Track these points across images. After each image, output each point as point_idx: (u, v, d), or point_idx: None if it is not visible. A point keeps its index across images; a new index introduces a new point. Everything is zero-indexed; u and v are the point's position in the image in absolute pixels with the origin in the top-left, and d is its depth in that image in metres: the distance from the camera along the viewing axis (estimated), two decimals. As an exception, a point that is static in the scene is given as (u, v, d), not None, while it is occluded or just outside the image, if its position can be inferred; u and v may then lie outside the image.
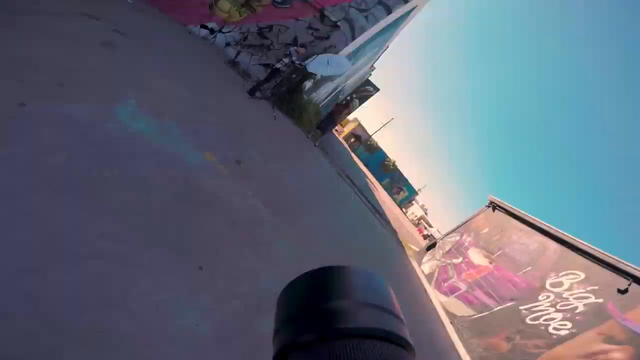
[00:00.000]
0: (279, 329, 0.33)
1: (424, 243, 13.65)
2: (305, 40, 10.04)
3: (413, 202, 40.11)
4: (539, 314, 6.09)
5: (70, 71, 2.83)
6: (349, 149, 27.93)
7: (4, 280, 1.32)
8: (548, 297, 6.21)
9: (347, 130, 34.57)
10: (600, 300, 5.50)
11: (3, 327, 1.22)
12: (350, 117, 31.48)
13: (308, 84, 10.15)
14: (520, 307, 6.44)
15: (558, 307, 5.93)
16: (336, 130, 25.90)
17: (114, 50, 3.82)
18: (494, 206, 9.11)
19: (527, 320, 6.14)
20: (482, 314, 6.99)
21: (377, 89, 25.99)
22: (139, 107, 3.04)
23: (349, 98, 23.14)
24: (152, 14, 7.44)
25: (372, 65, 22.83)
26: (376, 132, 35.83)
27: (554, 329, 5.68)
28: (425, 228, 35.97)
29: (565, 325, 5.59)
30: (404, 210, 35.22)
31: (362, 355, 0.27)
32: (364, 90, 25.44)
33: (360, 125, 35.06)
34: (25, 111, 2.09)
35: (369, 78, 25.79)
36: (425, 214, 44.45)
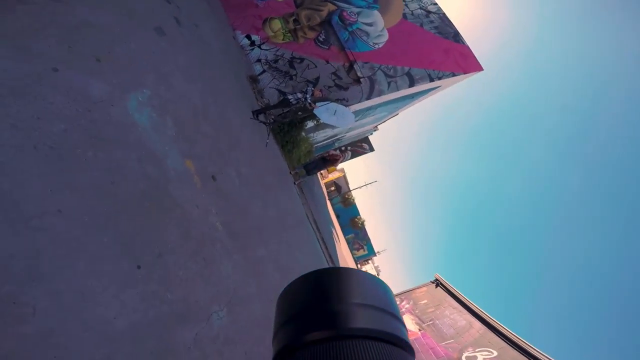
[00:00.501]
0: (282, 327, 0.35)
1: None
2: (326, 84, 10.53)
3: (369, 261, 40.51)
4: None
5: (112, 48, 3.06)
6: (326, 196, 28.24)
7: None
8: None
9: (331, 177, 35.26)
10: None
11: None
12: (339, 166, 32.20)
13: (310, 124, 10.50)
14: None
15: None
16: (321, 173, 26.33)
17: (161, 37, 4.11)
18: (437, 283, 10.24)
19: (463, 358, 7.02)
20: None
21: (372, 149, 26.86)
22: (149, 100, 3.20)
23: (343, 148, 23.77)
24: (215, 7, 7.81)
25: (376, 126, 23.70)
26: (357, 188, 36.67)
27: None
28: (373, 287, 35.90)
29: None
30: (359, 266, 35.30)
31: (366, 356, 0.28)
32: (360, 146, 26.26)
33: (344, 177, 35.90)
34: (53, 76, 2.26)
35: (369, 136, 26.70)
36: (377, 274, 44.60)
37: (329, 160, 10.48)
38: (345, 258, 18.87)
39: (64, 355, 1.53)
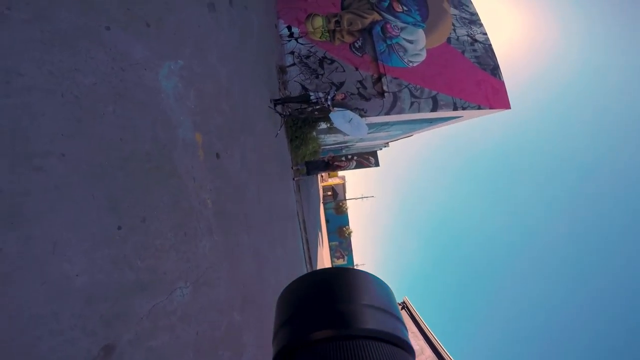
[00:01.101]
0: (284, 326, 0.35)
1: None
2: (349, 91, 10.53)
3: None
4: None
5: (165, 15, 3.18)
6: (321, 199, 28.29)
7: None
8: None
9: (330, 182, 35.30)
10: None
11: None
12: (341, 173, 32.26)
13: (324, 125, 10.52)
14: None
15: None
16: (322, 176, 26.35)
17: (211, 13, 4.23)
18: (404, 306, 10.22)
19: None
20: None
21: (377, 164, 26.86)
22: (180, 70, 3.27)
23: (350, 157, 23.75)
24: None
25: (388, 142, 23.71)
26: (353, 199, 36.73)
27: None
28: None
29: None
30: None
31: (369, 356, 0.29)
32: (367, 159, 26.24)
33: (344, 185, 35.95)
34: (103, 34, 2.35)
35: (378, 151, 26.70)
36: None
37: (331, 166, 10.47)
38: (325, 263, 18.90)
39: (7, 304, 1.53)
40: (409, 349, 0.33)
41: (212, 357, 3.00)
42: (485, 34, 11.86)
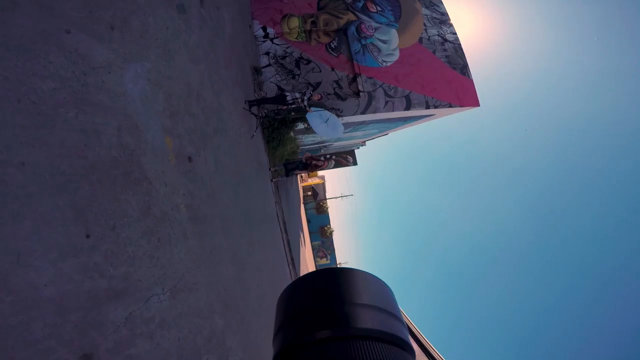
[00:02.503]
0: (285, 326, 0.35)
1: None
2: (325, 91, 10.57)
3: None
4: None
5: (130, 18, 3.10)
6: (301, 199, 28.31)
7: None
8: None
9: (310, 182, 35.38)
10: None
11: None
12: (320, 172, 32.38)
13: (301, 126, 10.52)
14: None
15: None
16: (301, 176, 26.36)
17: (181, 15, 4.18)
18: None
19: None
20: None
21: (355, 163, 27.09)
22: (147, 73, 3.19)
23: (328, 156, 23.87)
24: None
25: (364, 141, 23.95)
26: (333, 198, 36.91)
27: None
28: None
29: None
30: None
31: (369, 356, 0.29)
32: (345, 158, 26.44)
33: (323, 184, 36.09)
34: (63, 37, 2.28)
35: (355, 150, 26.93)
36: None
37: (310, 165, 10.44)
38: (307, 264, 18.91)
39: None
40: (409, 349, 0.33)
41: None
42: (455, 33, 12.26)
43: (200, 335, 3.16)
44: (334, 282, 0.36)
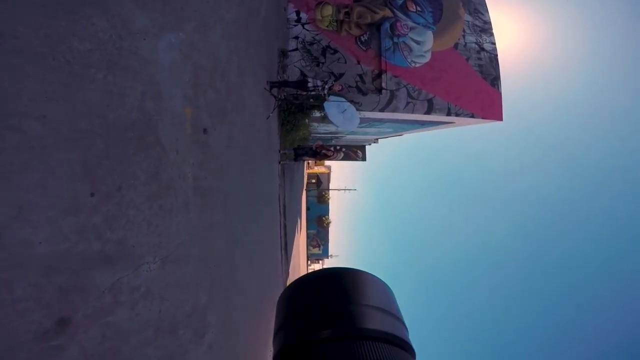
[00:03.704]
0: (284, 326, 0.35)
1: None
2: (347, 83, 10.45)
3: (320, 261, 40.79)
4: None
5: None
6: (304, 185, 28.31)
7: None
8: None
9: (316, 170, 35.29)
10: None
11: None
12: (327, 162, 32.29)
13: (317, 114, 10.47)
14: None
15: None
16: (308, 163, 26.32)
17: None
18: None
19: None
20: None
21: (364, 159, 26.98)
22: (180, 44, 3.21)
23: (338, 147, 23.79)
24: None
25: (377, 138, 23.80)
26: (336, 189, 36.87)
27: None
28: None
29: None
30: (308, 262, 35.63)
31: (369, 356, 0.29)
32: (355, 152, 26.33)
33: (329, 174, 36.01)
34: (109, 1, 2.32)
35: (367, 146, 26.78)
36: None
37: (319, 154, 10.40)
38: (300, 251, 19.05)
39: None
40: (409, 349, 0.33)
41: (172, 336, 3.00)
42: (494, 43, 11.79)
43: (181, 309, 3.19)
44: (335, 282, 0.37)
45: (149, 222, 2.73)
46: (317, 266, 41.07)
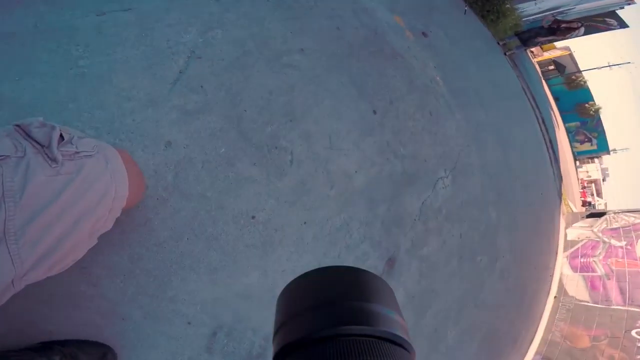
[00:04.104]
0: (285, 324, 0.32)
1: (580, 210, 11.30)
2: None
3: (596, 159, 32.14)
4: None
5: None
6: (540, 75, 23.26)
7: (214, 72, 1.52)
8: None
9: (546, 56, 28.28)
10: None
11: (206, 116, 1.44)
12: (561, 44, 25.35)
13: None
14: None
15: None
16: (531, 51, 21.58)
17: None
18: None
19: (633, 333, 4.65)
20: (595, 305, 5.57)
21: (624, 26, 19.85)
22: None
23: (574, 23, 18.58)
24: None
25: (630, -1, 17.04)
26: (593, 69, 28.23)
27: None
28: (592, 195, 29.68)
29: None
30: (577, 163, 28.66)
31: (369, 355, 0.26)
32: (600, 21, 19.80)
33: (571, 55, 28.07)
34: None
35: (617, 11, 19.71)
36: (603, 180, 35.33)
37: (558, 30, 7.73)
38: (564, 149, 15.83)
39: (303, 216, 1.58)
40: (409, 348, 0.29)
41: (472, 264, 2.78)
42: None
43: (477, 230, 2.91)
44: (333, 280, 0.33)
45: (427, 130, 2.61)
46: (590, 168, 33.02)
